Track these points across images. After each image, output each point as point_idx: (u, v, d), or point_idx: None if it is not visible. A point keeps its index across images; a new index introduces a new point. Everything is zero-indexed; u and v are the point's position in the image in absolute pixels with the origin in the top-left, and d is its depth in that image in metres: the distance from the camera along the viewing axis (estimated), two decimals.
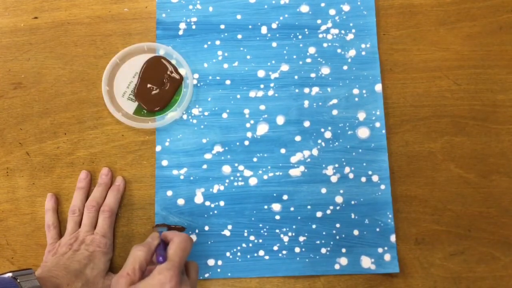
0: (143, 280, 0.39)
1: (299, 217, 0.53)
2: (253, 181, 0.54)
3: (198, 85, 0.56)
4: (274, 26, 0.57)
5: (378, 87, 0.55)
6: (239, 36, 0.57)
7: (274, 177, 0.54)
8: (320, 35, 0.57)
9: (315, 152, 0.54)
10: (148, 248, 0.42)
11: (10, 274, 0.41)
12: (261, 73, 0.56)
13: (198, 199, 0.54)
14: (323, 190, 0.53)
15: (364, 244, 0.52)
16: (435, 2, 0.58)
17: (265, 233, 0.53)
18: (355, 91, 0.56)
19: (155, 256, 0.42)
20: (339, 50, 0.57)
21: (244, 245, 0.52)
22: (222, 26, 0.57)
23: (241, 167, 0.54)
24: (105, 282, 0.48)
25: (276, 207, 0.53)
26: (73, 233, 0.51)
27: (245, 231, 0.53)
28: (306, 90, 0.56)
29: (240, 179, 0.54)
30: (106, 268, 0.49)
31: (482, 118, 0.55)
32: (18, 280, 0.40)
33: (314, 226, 0.53)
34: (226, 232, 0.53)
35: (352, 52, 0.56)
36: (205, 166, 0.54)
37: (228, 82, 0.56)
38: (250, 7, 0.58)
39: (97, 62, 0.57)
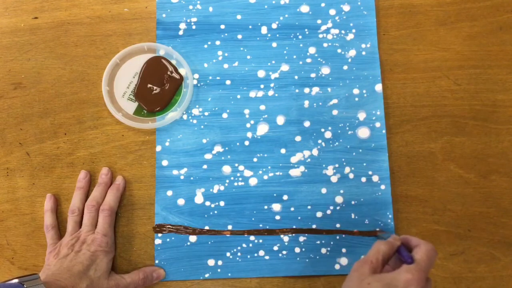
0: (391, 273, 0.40)
1: (299, 217, 0.53)
2: (253, 181, 0.54)
3: (198, 85, 0.56)
4: (274, 26, 0.57)
5: (378, 87, 0.55)
6: (239, 36, 0.57)
7: (274, 177, 0.54)
8: (320, 35, 0.57)
9: (315, 152, 0.54)
10: (391, 245, 0.43)
11: (16, 280, 0.41)
12: (261, 73, 0.56)
13: (198, 199, 0.54)
14: (323, 190, 0.53)
15: (364, 244, 0.52)
16: (435, 2, 0.58)
17: (265, 233, 0.53)
18: (355, 91, 0.56)
19: (397, 256, 0.43)
20: (339, 50, 0.57)
21: (244, 245, 0.52)
22: (222, 26, 0.57)
23: (241, 167, 0.54)
24: (109, 283, 0.48)
25: (276, 207, 0.53)
26: (74, 233, 0.51)
27: (245, 231, 0.53)
28: (306, 90, 0.56)
29: (240, 179, 0.54)
30: (108, 268, 0.49)
31: (482, 118, 0.55)
32: (25, 286, 0.40)
33: (314, 226, 0.53)
34: (226, 232, 0.53)
35: (352, 52, 0.56)
36: (205, 166, 0.54)
37: (228, 82, 0.56)
38: (250, 7, 0.58)
39: (97, 62, 0.57)
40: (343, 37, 0.57)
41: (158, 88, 0.55)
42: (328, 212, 0.53)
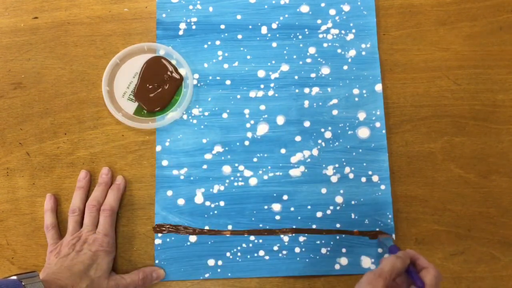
0: None
1: (299, 217, 0.53)
2: (253, 181, 0.54)
3: (198, 85, 0.56)
4: (274, 26, 0.57)
5: (378, 87, 0.55)
6: (239, 36, 0.57)
7: (274, 177, 0.54)
8: (320, 35, 0.57)
9: (315, 152, 0.54)
10: (404, 264, 0.43)
11: (15, 277, 0.41)
12: (261, 73, 0.56)
13: (198, 199, 0.54)
14: (323, 190, 0.53)
15: (364, 244, 0.52)
16: (435, 2, 0.58)
17: (265, 233, 0.53)
18: (355, 91, 0.56)
19: (407, 275, 0.44)
20: (339, 50, 0.57)
21: (244, 245, 0.52)
22: (222, 26, 0.57)
23: (241, 167, 0.54)
24: (110, 283, 0.48)
25: (276, 207, 0.53)
26: (74, 233, 0.51)
27: (245, 231, 0.53)
28: (306, 90, 0.56)
29: (240, 179, 0.54)
30: (109, 268, 0.49)
31: (482, 118, 0.55)
32: (24, 283, 0.40)
33: (314, 226, 0.53)
34: (226, 232, 0.53)
35: (352, 52, 0.56)
36: (205, 166, 0.54)
37: (228, 82, 0.56)
38: (250, 7, 0.58)
39: (97, 62, 0.57)
40: (343, 37, 0.57)
41: (158, 88, 0.55)
42: (328, 212, 0.53)
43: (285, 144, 0.55)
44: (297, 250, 0.52)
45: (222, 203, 0.53)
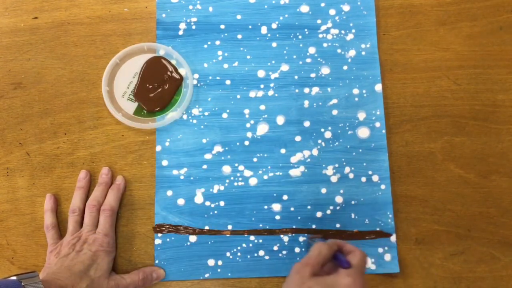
0: (329, 276, 0.41)
1: (299, 217, 0.53)
2: (253, 181, 0.54)
3: (198, 85, 0.56)
4: (274, 26, 0.57)
5: (378, 87, 0.55)
6: (239, 36, 0.57)
7: (274, 177, 0.54)
8: (320, 35, 0.57)
9: (315, 152, 0.54)
10: (331, 249, 0.44)
11: (14, 278, 0.41)
12: (261, 73, 0.56)
13: (198, 199, 0.54)
14: (323, 190, 0.53)
15: (364, 244, 0.52)
16: (435, 2, 0.58)
17: (265, 233, 0.53)
18: (355, 91, 0.56)
19: (335, 262, 0.44)
20: (339, 50, 0.57)
21: (244, 245, 0.52)
22: (222, 26, 0.57)
23: (241, 167, 0.54)
24: (110, 283, 0.48)
25: (276, 207, 0.53)
26: (75, 233, 0.51)
27: (245, 231, 0.53)
28: (306, 90, 0.56)
29: (240, 179, 0.54)
30: (109, 268, 0.49)
31: (482, 118, 0.55)
32: (23, 283, 0.40)
33: (314, 226, 0.53)
34: (226, 232, 0.53)
35: (352, 52, 0.56)
36: (205, 166, 0.54)
37: (228, 82, 0.56)
38: (250, 7, 0.58)
39: (97, 62, 0.57)
40: (343, 37, 0.57)
41: (158, 88, 0.55)
42: (328, 212, 0.53)
43: (285, 144, 0.55)
44: (297, 250, 0.52)
45: (222, 203, 0.53)
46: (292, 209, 0.53)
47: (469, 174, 0.54)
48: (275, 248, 0.52)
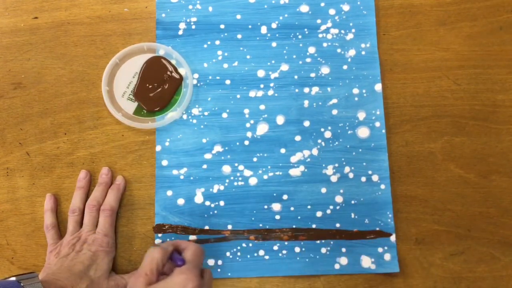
0: (163, 281, 0.40)
1: (299, 217, 0.53)
2: (253, 181, 0.54)
3: (198, 85, 0.56)
4: (274, 26, 0.57)
5: (378, 87, 0.55)
6: (239, 36, 0.57)
7: (274, 177, 0.54)
8: (320, 35, 0.57)
9: (315, 152, 0.54)
10: (164, 251, 0.43)
11: (14, 278, 0.41)
12: (261, 73, 0.56)
13: (198, 199, 0.54)
14: (323, 190, 0.53)
15: (364, 244, 0.52)
16: (435, 2, 0.58)
17: (265, 233, 0.53)
18: (355, 90, 0.56)
19: (169, 261, 0.44)
20: (339, 50, 0.57)
21: (244, 245, 0.52)
22: (222, 26, 0.57)
23: (241, 167, 0.54)
24: (109, 283, 0.48)
25: (276, 207, 0.53)
26: (74, 233, 0.51)
27: (245, 231, 0.53)
28: (306, 90, 0.56)
29: (240, 179, 0.54)
30: (109, 268, 0.49)
31: (482, 118, 0.55)
32: (22, 284, 0.40)
33: (314, 226, 0.53)
34: (226, 232, 0.53)
35: (352, 52, 0.56)
36: (205, 166, 0.54)
37: (228, 82, 0.56)
38: (250, 7, 0.58)
39: (97, 62, 0.57)
40: (343, 37, 0.57)
41: (157, 88, 0.55)
42: (328, 211, 0.53)
43: (285, 144, 0.55)
44: (297, 249, 0.52)
45: (222, 203, 0.53)
46: (292, 208, 0.53)
47: (469, 174, 0.54)
48: (275, 248, 0.52)
